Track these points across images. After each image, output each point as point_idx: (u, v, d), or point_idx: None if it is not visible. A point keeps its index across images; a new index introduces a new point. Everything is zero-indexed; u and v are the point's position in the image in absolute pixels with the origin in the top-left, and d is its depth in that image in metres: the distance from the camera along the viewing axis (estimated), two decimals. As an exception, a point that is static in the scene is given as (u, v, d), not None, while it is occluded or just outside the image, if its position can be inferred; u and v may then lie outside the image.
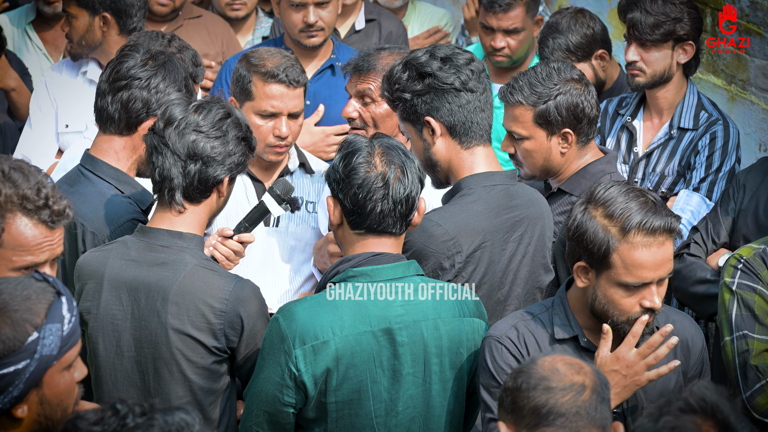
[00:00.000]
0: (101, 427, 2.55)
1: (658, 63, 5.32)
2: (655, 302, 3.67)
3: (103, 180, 4.28)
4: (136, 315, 3.88)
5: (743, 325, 4.23)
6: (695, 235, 4.92)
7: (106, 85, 4.31)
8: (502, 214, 4.14)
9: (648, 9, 5.27)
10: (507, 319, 3.84)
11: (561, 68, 4.62)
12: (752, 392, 4.19)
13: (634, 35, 5.34)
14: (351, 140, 3.83)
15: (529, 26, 6.21)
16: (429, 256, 4.02)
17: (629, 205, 3.66)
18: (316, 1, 5.75)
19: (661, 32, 5.28)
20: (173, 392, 3.87)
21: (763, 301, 4.26)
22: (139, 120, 4.30)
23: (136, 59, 4.32)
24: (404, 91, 4.18)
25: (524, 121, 4.58)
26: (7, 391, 2.75)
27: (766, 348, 4.21)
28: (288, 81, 4.85)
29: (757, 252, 4.32)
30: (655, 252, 3.65)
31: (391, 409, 3.75)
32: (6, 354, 2.75)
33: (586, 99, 4.59)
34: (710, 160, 5.30)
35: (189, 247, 3.90)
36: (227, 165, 3.93)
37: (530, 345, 3.75)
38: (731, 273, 4.31)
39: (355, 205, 3.74)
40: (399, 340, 3.72)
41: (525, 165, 4.63)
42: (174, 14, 6.46)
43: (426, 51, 4.19)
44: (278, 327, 3.70)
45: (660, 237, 3.65)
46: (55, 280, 2.88)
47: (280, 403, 3.71)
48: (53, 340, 2.80)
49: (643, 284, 3.67)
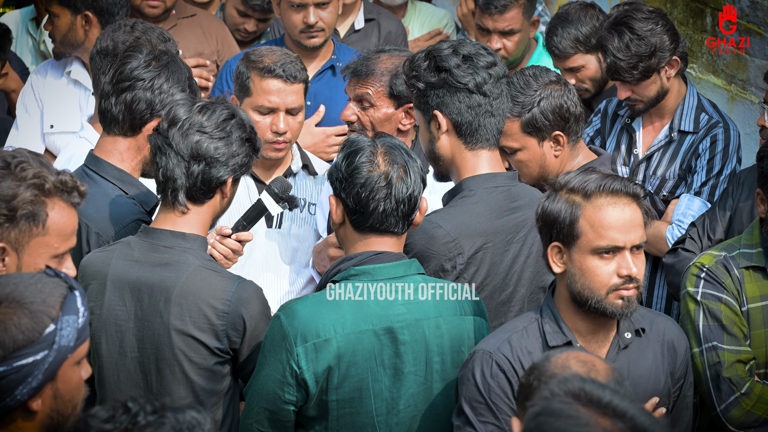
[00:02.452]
0: (112, 425, 2.54)
1: (650, 91, 5.28)
2: (632, 269, 3.61)
3: (107, 181, 4.27)
4: (139, 315, 3.87)
5: (712, 337, 4.20)
6: (691, 230, 4.92)
7: (109, 87, 4.31)
8: (504, 215, 4.14)
9: (618, 55, 5.17)
10: (498, 333, 3.78)
11: (537, 74, 4.61)
12: (727, 405, 4.18)
13: (616, 79, 5.31)
14: (353, 139, 3.83)
15: (525, 27, 6.21)
16: (430, 258, 4.03)
17: (588, 176, 3.66)
18: (317, 2, 5.75)
19: (641, 71, 5.20)
20: (176, 393, 3.87)
21: (730, 311, 4.24)
22: (143, 121, 4.29)
23: (140, 60, 4.31)
24: (419, 80, 4.17)
25: (512, 133, 4.57)
26: (26, 382, 2.76)
27: (737, 359, 4.19)
28: (285, 76, 4.85)
29: (718, 260, 4.29)
30: (621, 211, 3.62)
31: (392, 408, 3.76)
32: (25, 344, 2.75)
33: (568, 98, 4.59)
34: (711, 163, 5.28)
35: (192, 248, 3.89)
36: (231, 166, 3.92)
37: (524, 359, 3.68)
38: (694, 282, 4.27)
39: (358, 205, 3.74)
40: (401, 338, 3.73)
41: (522, 176, 4.60)
42: (166, 15, 6.43)
43: (451, 45, 4.17)
44: (280, 325, 3.70)
45: (623, 198, 3.62)
46: (66, 275, 2.90)
47: (281, 401, 3.71)
48: (70, 331, 2.81)
49: (615, 248, 3.62)
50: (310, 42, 5.80)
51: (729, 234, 4.83)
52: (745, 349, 4.21)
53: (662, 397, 3.80)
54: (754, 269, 4.28)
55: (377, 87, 4.83)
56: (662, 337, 3.84)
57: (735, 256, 4.29)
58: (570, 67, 5.90)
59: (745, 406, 4.17)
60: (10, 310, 2.77)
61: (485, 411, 3.67)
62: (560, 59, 5.91)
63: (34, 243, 3.38)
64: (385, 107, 4.85)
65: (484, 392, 3.67)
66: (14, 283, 2.82)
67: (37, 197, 3.39)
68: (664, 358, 3.83)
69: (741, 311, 4.25)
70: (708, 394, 4.19)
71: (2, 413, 2.76)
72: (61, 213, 3.43)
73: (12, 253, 3.37)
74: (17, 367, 2.74)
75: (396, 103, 4.84)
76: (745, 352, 4.20)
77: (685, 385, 3.91)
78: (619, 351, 3.75)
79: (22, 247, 3.38)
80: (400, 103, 4.84)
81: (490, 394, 3.66)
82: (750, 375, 4.20)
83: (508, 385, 3.66)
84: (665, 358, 3.83)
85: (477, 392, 3.68)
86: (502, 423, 3.67)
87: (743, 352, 4.20)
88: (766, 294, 4.27)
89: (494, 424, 3.67)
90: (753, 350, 4.24)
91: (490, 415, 3.67)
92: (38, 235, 3.39)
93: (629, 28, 5.19)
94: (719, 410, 4.19)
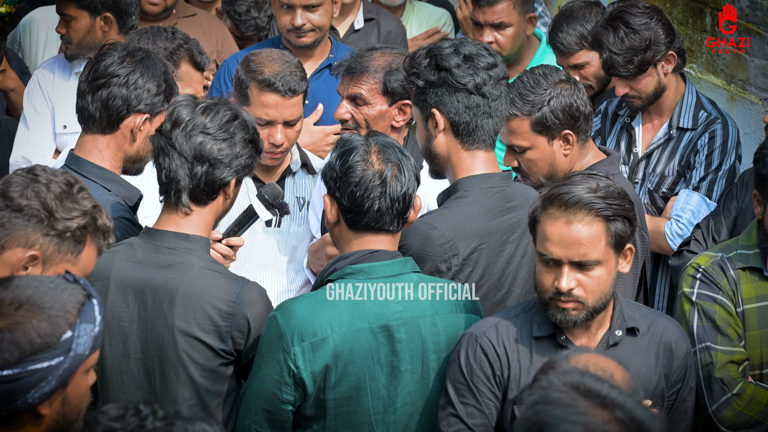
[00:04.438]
0: (121, 424, 2.53)
1: (648, 86, 5.30)
2: (561, 284, 3.62)
3: (88, 179, 4.21)
4: (142, 317, 3.86)
5: (705, 337, 4.20)
6: (696, 232, 4.93)
7: (85, 85, 4.28)
8: (499, 216, 4.14)
9: (614, 50, 5.20)
10: (490, 318, 3.84)
11: (547, 73, 4.61)
12: (718, 406, 4.18)
13: (613, 74, 5.32)
14: (347, 138, 3.83)
15: (519, 23, 6.19)
16: (426, 259, 4.02)
17: (563, 184, 3.68)
18: (304, 4, 5.73)
19: (636, 65, 5.22)
20: (179, 394, 3.86)
21: (724, 311, 4.23)
22: (120, 117, 4.27)
23: (114, 57, 4.28)
24: (419, 77, 4.16)
25: (522, 132, 4.57)
26: (39, 387, 2.75)
27: (730, 359, 4.19)
28: (283, 91, 4.83)
29: (714, 260, 4.29)
30: (561, 227, 3.62)
31: (389, 406, 3.77)
32: (42, 348, 2.75)
33: (578, 97, 4.59)
34: (710, 159, 5.29)
35: (195, 249, 3.88)
36: (234, 167, 3.90)
37: (509, 345, 3.75)
38: (690, 283, 4.28)
39: (353, 204, 3.75)
40: (397, 336, 3.74)
41: (531, 175, 4.61)
42: (166, 13, 6.44)
43: (452, 44, 4.16)
44: (276, 324, 3.70)
45: (575, 214, 3.61)
46: (85, 282, 2.90)
47: (278, 401, 3.72)
48: (86, 339, 2.81)
49: (555, 261, 3.64)
50: (299, 41, 5.79)
51: (734, 235, 4.82)
52: (739, 350, 4.20)
53: (655, 399, 3.80)
54: (751, 270, 4.28)
55: (371, 84, 4.82)
56: (660, 338, 3.84)
57: (732, 257, 4.29)
58: (574, 63, 5.90)
59: (736, 407, 4.17)
60: (29, 313, 2.76)
61: (467, 393, 3.74)
62: (564, 55, 5.90)
63: (60, 268, 3.39)
64: (380, 104, 4.84)
65: (467, 374, 3.74)
66: (35, 286, 2.82)
67: (86, 229, 3.43)
68: (659, 359, 3.83)
69: (736, 312, 4.25)
70: (700, 395, 4.19)
71: (11, 415, 2.76)
72: (92, 253, 3.48)
73: (39, 267, 3.39)
74: (31, 371, 2.74)
75: (390, 99, 4.84)
76: (738, 353, 4.20)
77: (684, 389, 3.90)
78: (608, 348, 3.77)
79: (50, 265, 3.40)
80: (393, 100, 4.84)
81: (472, 376, 3.73)
82: (743, 376, 4.20)
83: (490, 369, 3.73)
84: (660, 359, 3.83)
85: (460, 374, 3.75)
86: (482, 405, 3.74)
87: (736, 353, 4.20)
88: (762, 295, 4.27)
89: (474, 406, 3.74)
90: (748, 351, 4.24)
91: (470, 397, 3.74)
92: (68, 263, 3.42)
93: (624, 23, 5.22)
94: (711, 411, 4.18)
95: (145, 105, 4.26)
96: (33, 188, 3.42)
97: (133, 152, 4.31)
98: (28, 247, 3.38)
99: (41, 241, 3.39)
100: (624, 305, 3.85)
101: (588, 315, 3.68)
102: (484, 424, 3.75)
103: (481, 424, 3.75)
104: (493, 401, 3.76)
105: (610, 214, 3.63)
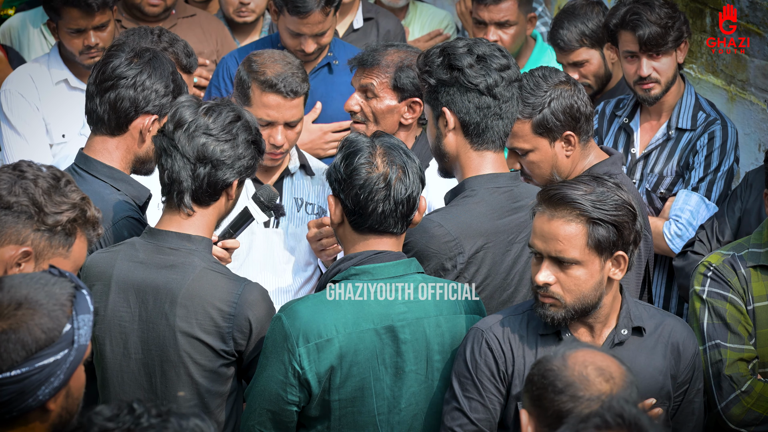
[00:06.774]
0: (115, 423, 2.54)
1: (669, 70, 5.32)
2: (537, 277, 3.68)
3: (97, 179, 4.25)
4: (143, 317, 3.86)
5: (715, 335, 4.23)
6: (701, 233, 4.95)
7: (93, 87, 4.29)
8: (506, 215, 4.14)
9: (652, 20, 5.24)
10: (497, 314, 3.87)
11: (547, 74, 4.61)
12: (727, 403, 4.20)
13: (647, 49, 5.31)
14: (352, 139, 3.83)
15: (521, 21, 6.20)
16: (431, 257, 4.03)
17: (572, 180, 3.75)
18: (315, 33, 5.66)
19: (672, 38, 5.27)
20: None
21: (735, 309, 4.26)
22: (128, 119, 4.27)
23: (121, 58, 4.28)
24: (432, 75, 4.17)
25: (524, 134, 4.57)
26: (49, 382, 2.74)
27: (739, 357, 4.21)
28: (285, 92, 4.83)
29: (726, 259, 4.32)
30: (544, 221, 3.68)
31: (393, 407, 3.77)
32: (47, 344, 2.74)
33: (578, 98, 4.59)
34: (709, 159, 5.30)
35: (197, 250, 3.88)
36: (237, 168, 3.91)
37: (514, 341, 3.78)
38: (701, 281, 4.31)
39: (357, 206, 3.75)
40: (402, 337, 3.75)
41: (534, 177, 4.62)
42: (166, 13, 6.42)
43: (466, 44, 4.16)
44: (281, 325, 3.71)
45: (557, 210, 3.66)
46: (71, 274, 2.90)
47: (283, 402, 3.72)
48: (86, 330, 2.81)
49: (540, 255, 3.70)
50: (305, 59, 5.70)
51: (738, 236, 4.84)
52: (748, 347, 4.22)
53: (661, 398, 3.81)
54: (762, 268, 4.31)
55: (381, 78, 4.85)
56: (667, 339, 3.85)
57: (743, 255, 4.33)
58: (574, 61, 5.91)
59: (745, 404, 4.19)
60: (30, 311, 2.76)
61: (471, 387, 3.76)
62: (565, 52, 5.91)
63: (53, 262, 3.40)
64: (388, 99, 4.86)
65: (471, 369, 3.76)
66: (27, 284, 2.81)
67: (75, 222, 3.45)
68: (666, 359, 3.83)
69: (747, 310, 4.27)
70: (710, 392, 4.21)
71: (19, 415, 2.75)
72: (82, 245, 3.50)
73: (32, 262, 3.40)
74: (40, 368, 2.73)
75: (399, 96, 4.85)
76: (747, 350, 4.22)
77: (691, 390, 3.91)
78: (613, 346, 3.77)
79: (42, 260, 3.42)
80: (403, 97, 4.85)
81: (476, 371, 3.75)
82: (753, 374, 4.22)
83: (495, 364, 3.76)
84: (667, 359, 3.83)
85: (465, 368, 3.77)
86: (485, 400, 3.76)
87: (746, 350, 4.22)
88: None
89: (478, 400, 3.76)
90: (758, 349, 4.26)
91: (474, 392, 3.76)
92: (60, 256, 3.44)
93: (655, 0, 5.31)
94: (720, 408, 4.21)
95: (153, 106, 4.27)
96: (21, 185, 3.44)
97: (143, 153, 4.31)
98: (19, 243, 3.40)
99: (32, 236, 3.41)
100: (631, 304, 3.85)
101: (569, 314, 3.71)
102: (487, 419, 3.77)
103: (484, 419, 3.77)
104: (497, 396, 3.77)
105: (594, 217, 3.65)
